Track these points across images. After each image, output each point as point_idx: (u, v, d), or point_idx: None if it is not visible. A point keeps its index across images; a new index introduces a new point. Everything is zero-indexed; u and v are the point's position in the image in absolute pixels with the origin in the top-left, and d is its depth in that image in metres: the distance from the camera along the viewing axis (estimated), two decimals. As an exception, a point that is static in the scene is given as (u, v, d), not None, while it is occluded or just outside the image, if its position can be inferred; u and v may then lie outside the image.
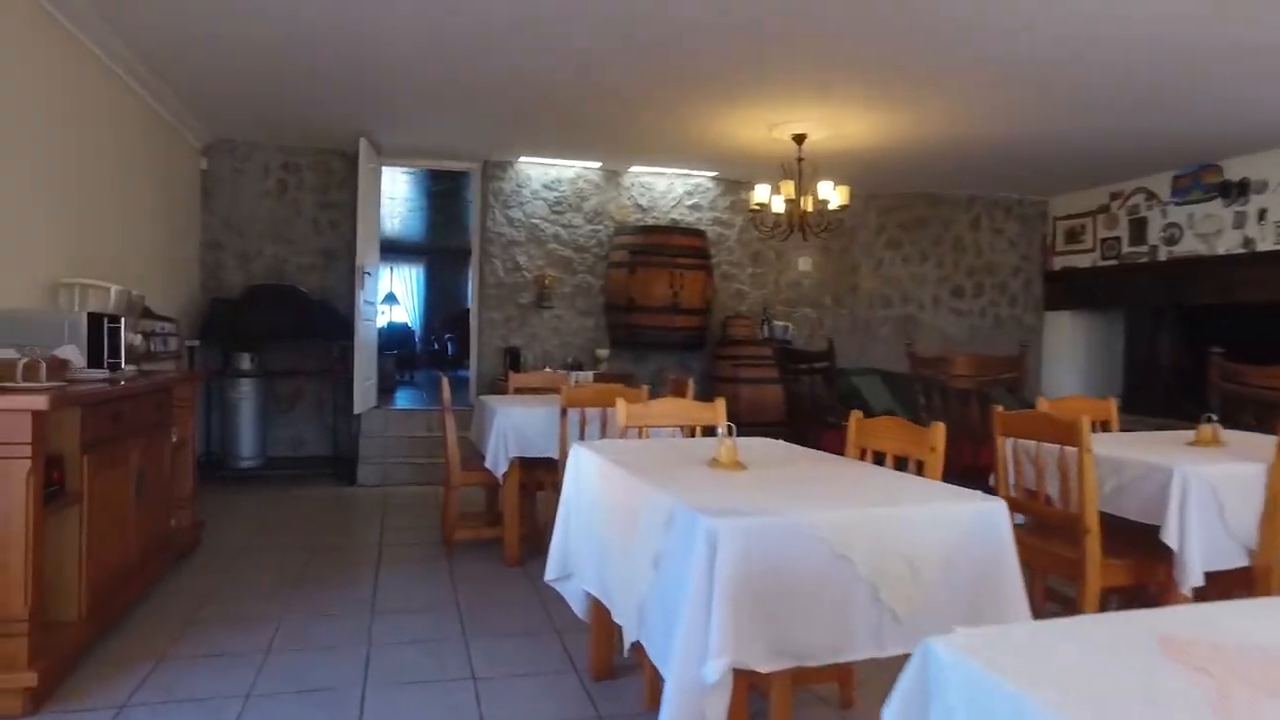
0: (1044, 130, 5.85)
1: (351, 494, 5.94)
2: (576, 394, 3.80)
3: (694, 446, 2.76)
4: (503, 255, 7.20)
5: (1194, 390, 6.47)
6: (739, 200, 7.83)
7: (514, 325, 7.24)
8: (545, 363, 7.24)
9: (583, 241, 7.40)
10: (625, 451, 2.59)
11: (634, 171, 7.49)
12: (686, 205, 7.68)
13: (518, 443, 3.97)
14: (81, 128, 4.25)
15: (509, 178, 7.21)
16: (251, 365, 6.22)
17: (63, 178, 4.05)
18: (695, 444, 2.86)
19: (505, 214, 7.20)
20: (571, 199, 7.37)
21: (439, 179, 9.22)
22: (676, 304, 6.98)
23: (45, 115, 3.89)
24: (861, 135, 5.94)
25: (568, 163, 7.24)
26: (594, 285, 7.43)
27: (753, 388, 6.92)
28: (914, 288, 8.30)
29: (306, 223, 6.85)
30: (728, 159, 6.91)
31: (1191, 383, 6.88)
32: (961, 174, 7.44)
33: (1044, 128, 5.79)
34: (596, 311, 7.44)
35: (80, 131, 4.24)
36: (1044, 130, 5.85)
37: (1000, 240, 8.44)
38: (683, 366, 7.66)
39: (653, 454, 2.60)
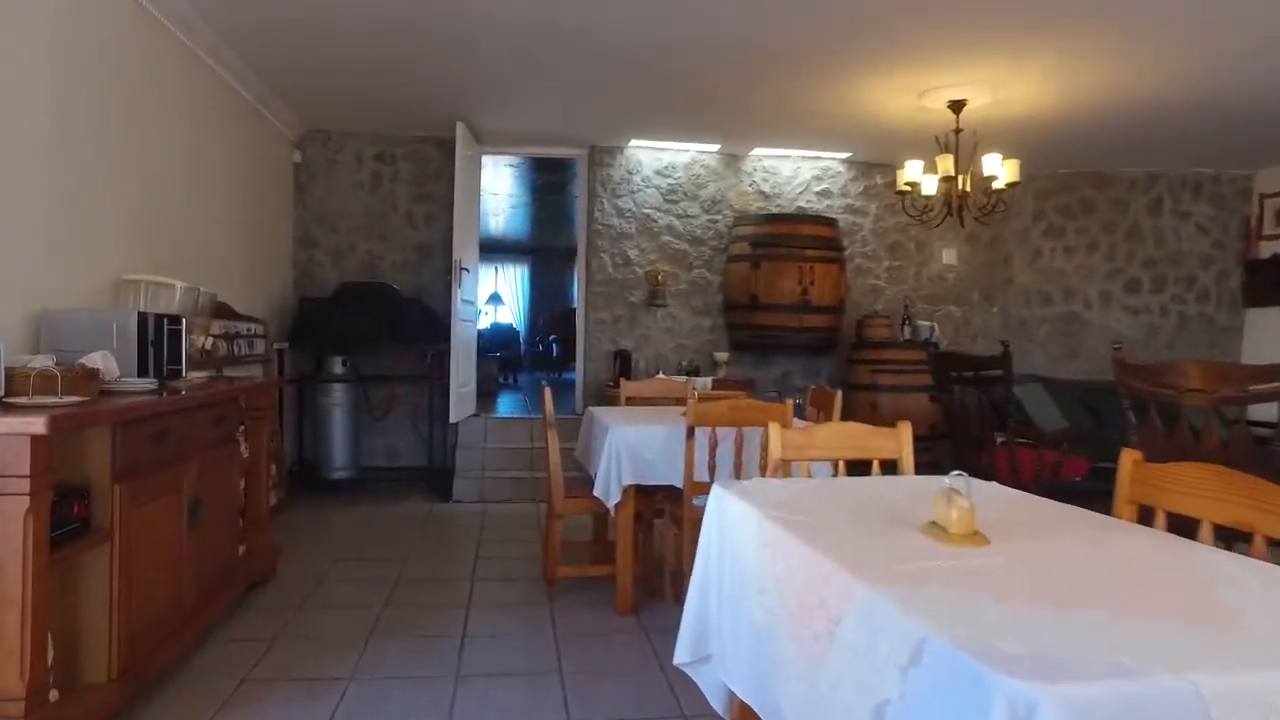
0: (1271, 81, 4.72)
1: (446, 511, 5.40)
2: (707, 410, 3.07)
3: (886, 494, 1.98)
4: (611, 249, 6.55)
5: None
6: (874, 185, 6.93)
7: (623, 326, 6.58)
8: (658, 367, 6.54)
9: (699, 233, 6.67)
10: (791, 502, 1.84)
11: (756, 155, 6.71)
12: (815, 191, 6.84)
13: (634, 468, 3.27)
14: (161, 115, 3.83)
15: (618, 164, 6.56)
16: (344, 369, 5.78)
17: (136, 168, 3.62)
18: (884, 489, 2.08)
19: (614, 204, 6.55)
20: (687, 186, 6.65)
21: (543, 170, 8.68)
22: (806, 301, 6.15)
23: (122, 100, 3.46)
24: (1031, 101, 4.98)
25: (683, 146, 6.53)
26: (711, 281, 6.68)
27: (894, 397, 6.03)
28: (1079, 282, 7.18)
29: (401, 217, 6.39)
30: (865, 135, 6.04)
31: None
32: (1143, 147, 6.31)
33: (1272, 78, 4.67)
34: (714, 310, 6.70)
35: (159, 119, 3.81)
36: (1271, 81, 4.72)
37: (1186, 225, 7.21)
38: (810, 372, 6.82)
39: (831, 506, 1.84)
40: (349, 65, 4.81)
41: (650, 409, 4.12)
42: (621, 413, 3.85)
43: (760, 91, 5.08)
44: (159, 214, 3.88)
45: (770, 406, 3.10)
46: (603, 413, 3.80)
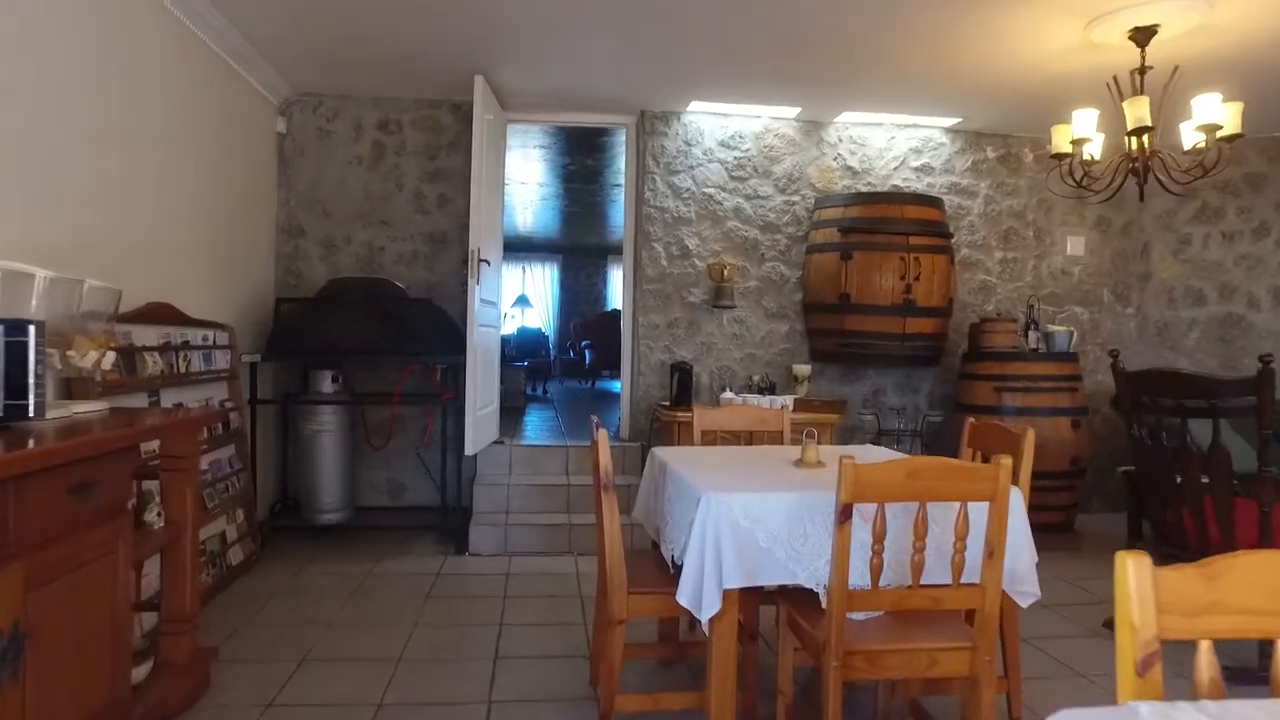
0: None
1: (459, 568, 4.21)
2: (875, 478, 1.82)
3: None
4: (665, 237, 5.34)
5: None
6: (984, 160, 5.65)
7: (680, 332, 5.36)
8: (724, 383, 5.32)
9: (773, 218, 5.44)
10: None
11: (842, 122, 5.46)
12: (912, 167, 5.58)
13: (742, 561, 2.04)
14: (74, 61, 2.69)
15: (674, 133, 5.34)
16: (335, 387, 4.62)
17: (16, 122, 2.48)
18: None
19: (668, 182, 5.34)
20: (758, 160, 5.42)
21: (578, 152, 7.49)
22: (909, 301, 4.89)
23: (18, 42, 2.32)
24: (1254, 25, 3.68)
25: (753, 110, 5.30)
26: (789, 277, 5.44)
27: (1027, 422, 4.72)
28: (1241, 276, 5.83)
29: (408, 198, 5.23)
30: (986, 93, 4.77)
31: None
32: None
33: None
34: (791, 313, 5.45)
35: (67, 64, 2.67)
36: None
37: (1374, 206, 5.84)
38: (907, 389, 5.55)
39: None
40: (345, 8, 3.68)
41: (739, 452, 2.90)
42: (702, 459, 2.63)
43: (862, 29, 3.84)
44: (57, 185, 2.74)
45: (974, 470, 1.86)
46: (677, 460, 2.59)
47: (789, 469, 2.49)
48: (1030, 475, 2.45)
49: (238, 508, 3.98)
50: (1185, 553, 3.24)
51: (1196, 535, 3.13)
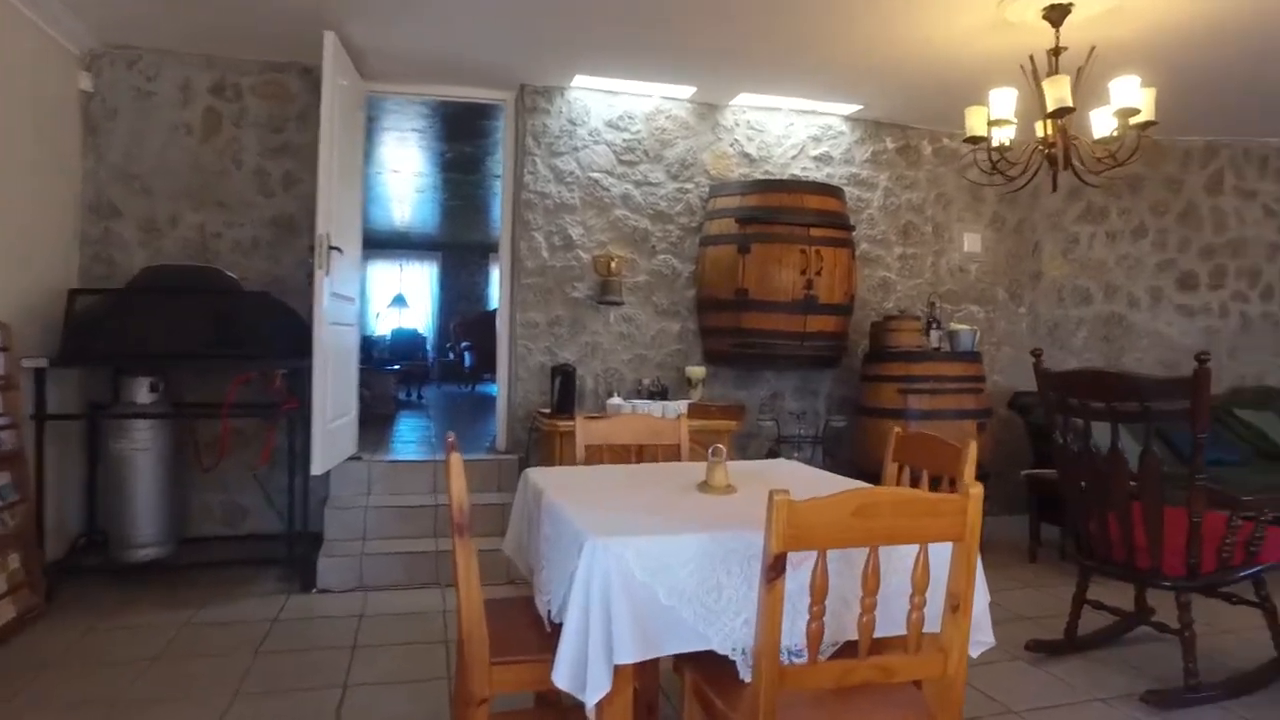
0: None
1: (303, 610, 3.56)
2: (815, 518, 1.37)
3: None
4: (547, 225, 4.82)
5: None
6: (884, 151, 5.41)
7: (562, 331, 4.85)
8: (611, 386, 4.85)
9: (665, 206, 5.01)
10: None
11: (739, 105, 5.09)
12: (811, 156, 5.27)
13: (638, 628, 1.56)
14: None
15: (557, 111, 4.83)
16: (153, 397, 3.87)
17: None
18: None
19: (550, 165, 4.83)
20: (649, 144, 4.98)
21: (456, 137, 6.86)
22: (811, 297, 4.56)
23: None
24: (1163, 10, 3.51)
25: (644, 89, 4.85)
26: (681, 271, 5.03)
27: (933, 426, 4.48)
28: (1123, 276, 5.83)
29: (248, 177, 4.51)
30: (890, 78, 4.50)
31: None
32: (1210, 109, 4.98)
33: None
34: (685, 310, 5.04)
35: None
36: None
37: (1251, 207, 5.96)
38: (806, 392, 5.24)
39: None
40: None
41: (630, 473, 2.43)
42: (586, 483, 2.15)
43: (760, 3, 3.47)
44: None
45: (939, 503, 1.44)
46: (555, 486, 2.09)
47: (693, 496, 2.03)
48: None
49: (10, 551, 3.20)
50: (1109, 565, 2.99)
51: (1122, 545, 2.88)
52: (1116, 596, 3.45)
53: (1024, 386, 5.51)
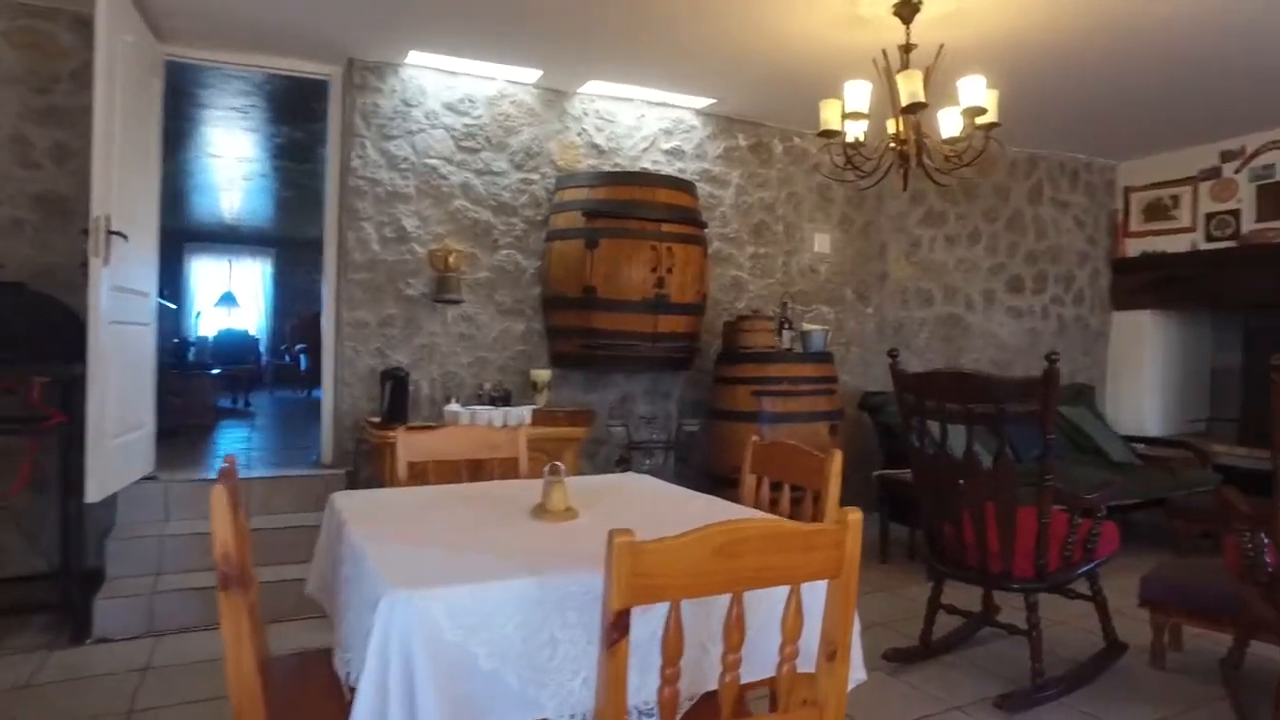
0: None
1: (70, 668, 2.99)
2: (676, 559, 1.11)
3: None
4: (378, 215, 4.38)
5: None
6: (736, 147, 5.31)
7: (395, 332, 4.42)
8: (449, 392, 4.46)
9: (509, 198, 4.68)
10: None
11: (588, 93, 4.83)
12: (663, 149, 5.09)
13: (453, 699, 1.25)
14: None
15: (390, 90, 4.40)
16: None
17: None
18: None
19: (382, 149, 4.39)
20: (491, 130, 4.63)
21: (289, 119, 6.21)
22: (662, 296, 4.37)
23: None
24: (999, 18, 3.53)
25: (486, 69, 4.50)
26: (526, 268, 4.71)
27: (787, 429, 4.40)
28: (960, 278, 6.02)
29: (7, 146, 3.81)
30: (743, 71, 4.37)
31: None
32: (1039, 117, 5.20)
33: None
34: (530, 309, 4.73)
35: None
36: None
37: (1065, 216, 6.31)
38: (657, 395, 5.05)
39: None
40: None
41: (454, 497, 2.11)
42: (398, 513, 1.81)
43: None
44: None
45: (813, 535, 1.22)
46: (360, 516, 1.74)
47: (525, 525, 1.74)
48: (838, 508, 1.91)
49: None
50: (964, 570, 2.94)
51: (977, 549, 2.83)
52: (962, 596, 3.43)
53: (873, 386, 5.57)
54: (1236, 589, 2.74)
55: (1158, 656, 3.15)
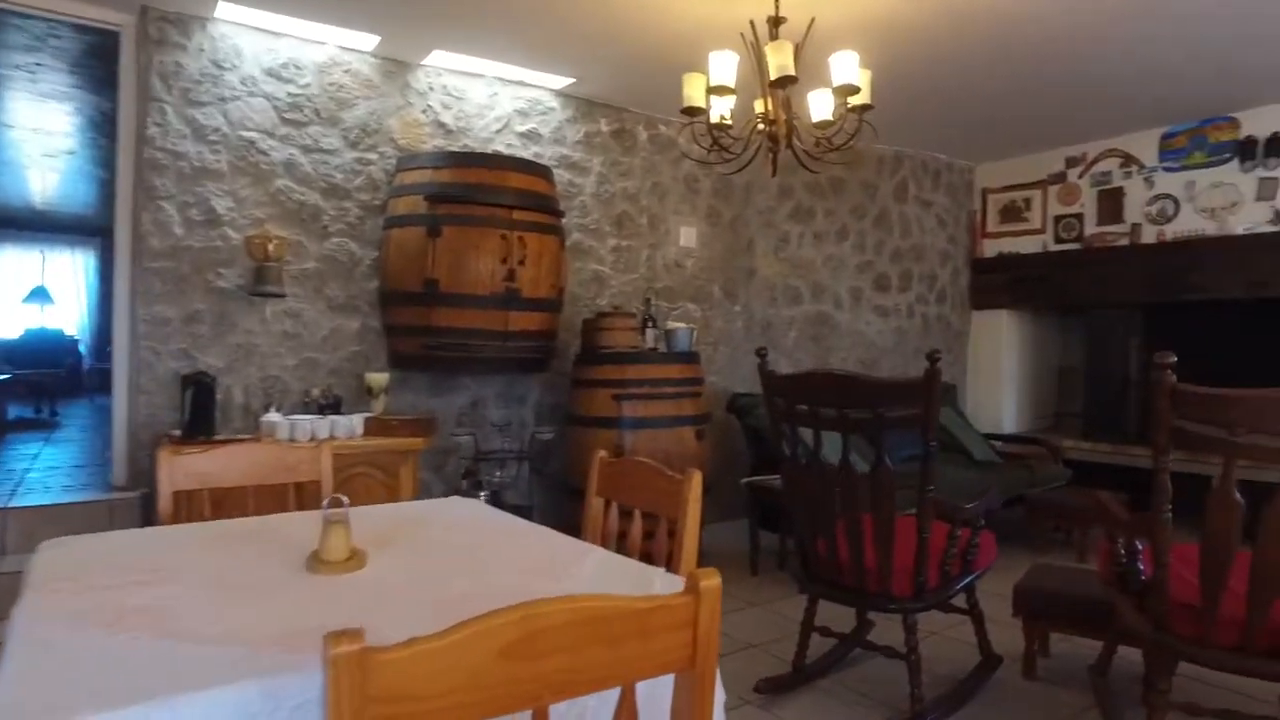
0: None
1: None
2: (447, 665, 0.73)
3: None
4: (182, 195, 3.76)
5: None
6: (598, 133, 4.96)
7: (204, 330, 3.81)
8: (269, 399, 3.89)
9: (341, 179, 4.15)
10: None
11: (434, 66, 4.36)
12: (518, 132, 4.68)
13: None
14: None
15: (196, 48, 3.79)
16: None
17: None
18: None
19: (187, 116, 3.77)
20: (321, 102, 4.09)
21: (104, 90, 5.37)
22: (513, 290, 3.97)
23: None
24: None
25: (314, 31, 3.96)
26: (362, 258, 4.19)
27: (650, 435, 4.09)
28: (829, 276, 5.92)
29: None
30: (606, 43, 4.03)
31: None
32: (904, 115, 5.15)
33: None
34: (366, 305, 4.21)
35: None
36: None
37: (928, 216, 6.33)
38: (512, 399, 4.64)
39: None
40: None
41: (215, 536, 1.65)
42: (120, 566, 1.35)
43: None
44: None
45: (651, 610, 0.87)
46: (56, 571, 1.27)
47: (289, 582, 1.32)
48: (695, 545, 1.58)
49: None
50: (839, 590, 2.70)
51: (852, 567, 2.59)
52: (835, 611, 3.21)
53: (741, 388, 5.35)
54: (1108, 596, 2.63)
55: (1030, 666, 3.02)
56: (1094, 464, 5.60)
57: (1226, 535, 2.06)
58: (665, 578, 1.36)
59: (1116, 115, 5.27)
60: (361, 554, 1.40)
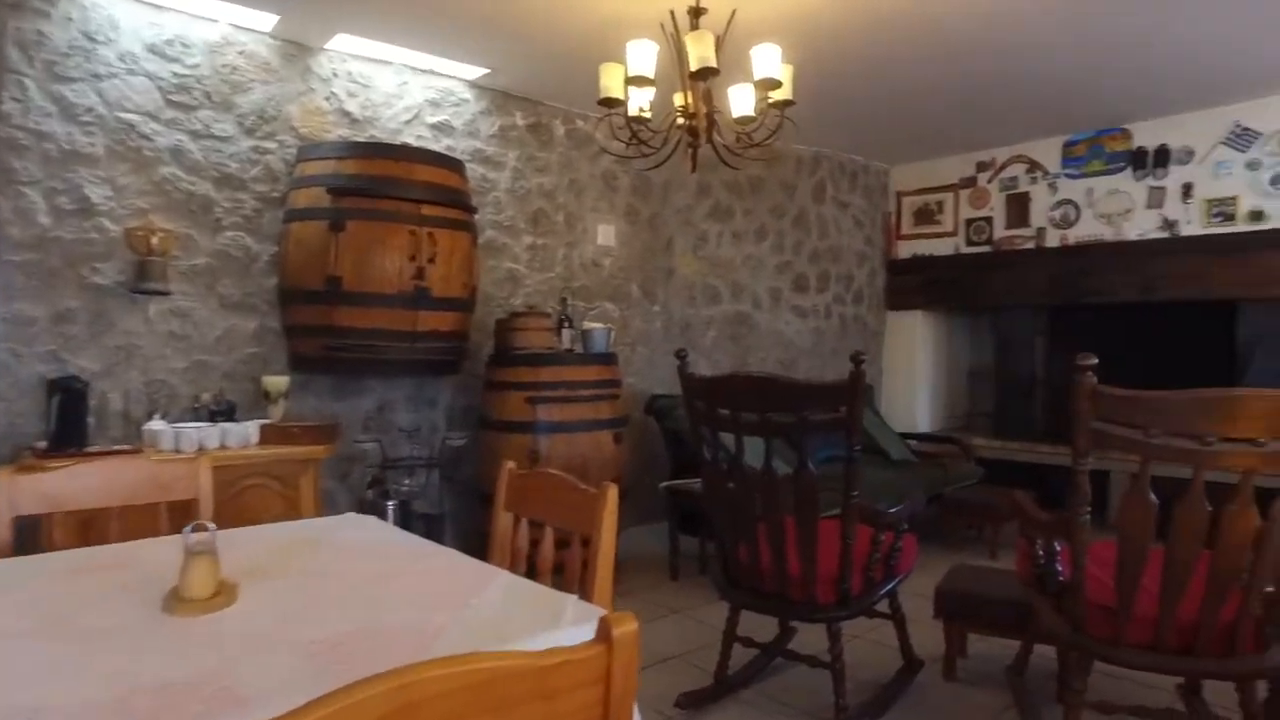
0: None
1: None
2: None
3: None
4: (49, 180, 3.43)
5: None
6: (514, 127, 4.80)
7: (78, 330, 3.49)
8: (153, 406, 3.59)
9: (236, 169, 3.86)
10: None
11: (338, 50, 4.12)
12: (429, 123, 4.47)
13: None
14: None
15: (62, 17, 3.45)
16: None
17: None
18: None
19: (54, 93, 3.44)
20: (213, 84, 3.79)
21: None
22: (422, 289, 3.77)
23: None
24: None
25: (205, 7, 3.67)
26: (259, 254, 3.92)
27: (566, 440, 3.95)
28: (748, 276, 5.89)
29: None
30: (522, 32, 3.87)
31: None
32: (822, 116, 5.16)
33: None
34: (264, 304, 3.94)
35: None
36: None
37: (845, 217, 6.37)
38: (423, 402, 4.43)
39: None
40: None
41: (68, 568, 1.44)
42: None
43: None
44: None
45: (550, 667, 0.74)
46: None
47: (140, 627, 1.13)
48: (611, 565, 1.46)
49: None
50: (762, 599, 2.62)
51: (774, 575, 2.52)
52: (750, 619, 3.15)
53: (660, 389, 5.27)
54: (1027, 597, 2.63)
55: (950, 668, 3.02)
56: (1004, 462, 5.73)
57: (1142, 536, 2.07)
58: (578, 606, 1.24)
59: (1023, 122, 5.40)
60: (231, 588, 1.22)
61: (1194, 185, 5.19)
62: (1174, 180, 5.27)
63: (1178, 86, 4.70)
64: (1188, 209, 5.22)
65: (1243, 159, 5.00)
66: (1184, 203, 5.23)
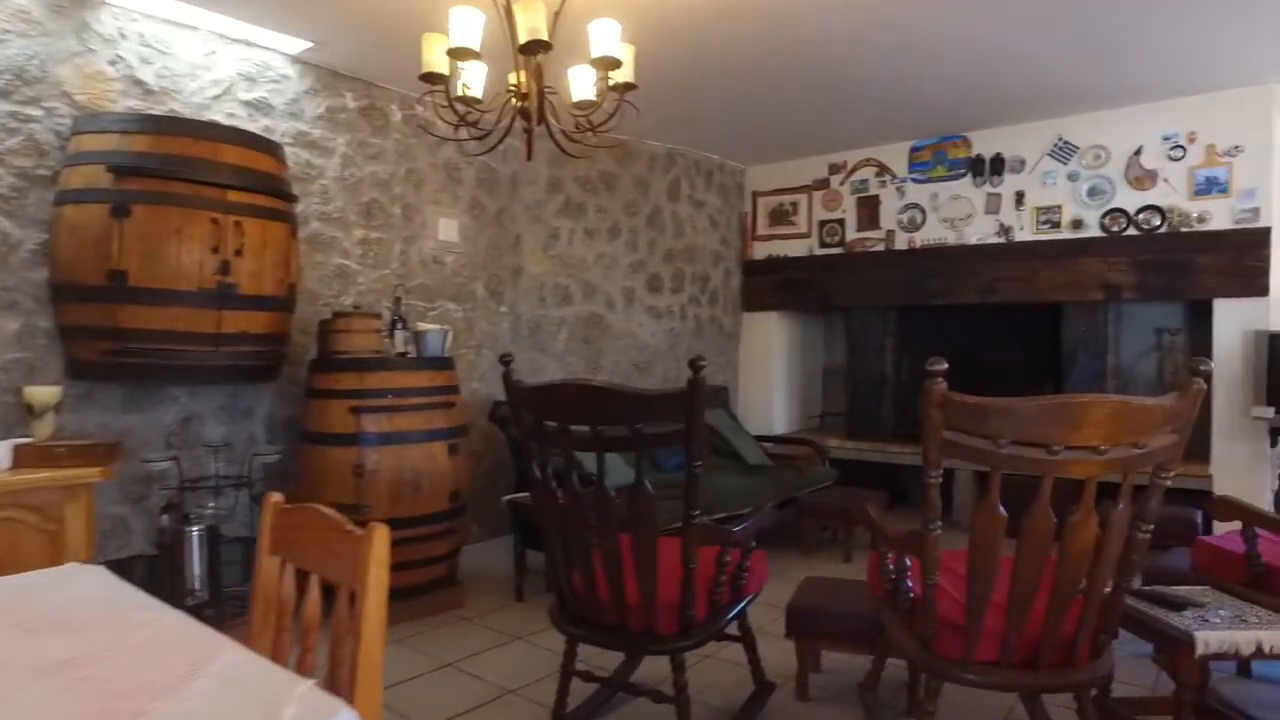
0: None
1: None
2: None
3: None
4: None
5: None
6: (344, 109, 4.37)
7: None
8: (-126, 423, 2.96)
9: (-12, 139, 3.27)
10: None
11: (127, 6, 3.57)
12: (242, 100, 3.98)
13: None
14: None
15: None
16: None
17: None
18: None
19: None
20: (-47, 37, 3.19)
21: None
22: (227, 285, 3.31)
23: None
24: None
25: (-61, -53, 3.07)
26: (22, 240, 3.33)
27: (395, 453, 3.58)
28: (601, 275, 5.67)
29: None
30: (352, 7, 3.47)
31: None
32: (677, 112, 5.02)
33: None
34: (31, 300, 3.36)
35: None
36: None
37: (701, 216, 6.27)
38: (237, 413, 3.94)
39: None
40: None
41: None
42: None
43: None
44: None
45: None
46: None
47: None
48: (382, 630, 1.17)
49: None
50: (600, 631, 2.38)
51: (612, 606, 2.28)
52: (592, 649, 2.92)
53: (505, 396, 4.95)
54: (878, 612, 2.53)
55: (803, 686, 2.89)
56: (857, 462, 5.78)
57: (993, 549, 1.98)
58: (309, 698, 0.95)
59: (872, 125, 5.45)
60: None
61: (1025, 193, 5.39)
62: (1008, 188, 5.46)
63: (1009, 98, 4.85)
64: (1020, 216, 5.41)
65: (1064, 170, 5.23)
66: (1017, 210, 5.42)
